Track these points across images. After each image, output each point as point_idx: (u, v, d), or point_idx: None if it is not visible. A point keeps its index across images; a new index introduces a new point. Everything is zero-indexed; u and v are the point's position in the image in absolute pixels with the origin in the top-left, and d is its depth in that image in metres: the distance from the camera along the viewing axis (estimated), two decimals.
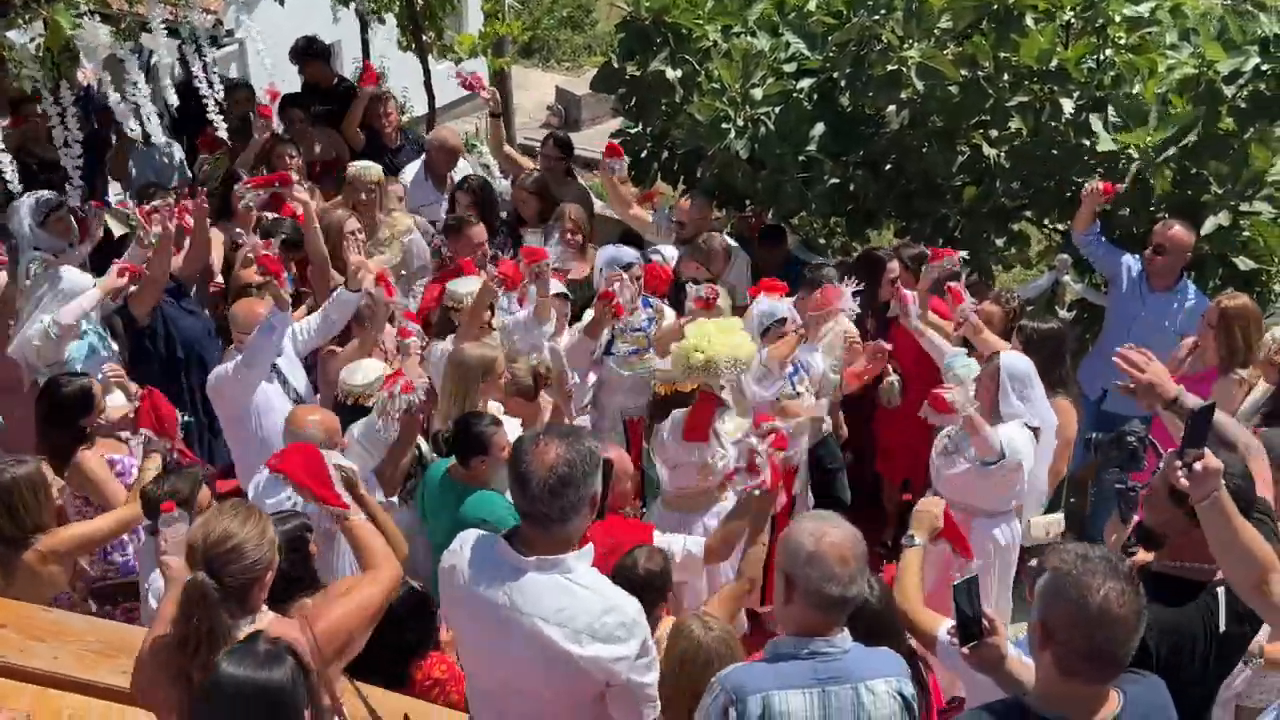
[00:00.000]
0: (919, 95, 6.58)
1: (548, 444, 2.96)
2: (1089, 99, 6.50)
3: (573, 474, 2.93)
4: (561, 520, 2.97)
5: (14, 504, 4.19)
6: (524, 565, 3.00)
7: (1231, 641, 3.35)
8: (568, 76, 20.35)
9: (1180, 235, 6.02)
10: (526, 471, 2.94)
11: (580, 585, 3.00)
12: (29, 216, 6.26)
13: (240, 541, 3.02)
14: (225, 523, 3.06)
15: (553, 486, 2.92)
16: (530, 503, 2.95)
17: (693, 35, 7.24)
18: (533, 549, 3.01)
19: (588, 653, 2.94)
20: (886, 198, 7.21)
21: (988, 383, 5.03)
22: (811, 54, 7.05)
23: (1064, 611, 2.61)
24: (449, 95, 10.62)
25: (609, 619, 2.97)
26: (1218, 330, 5.40)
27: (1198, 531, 3.21)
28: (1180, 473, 2.94)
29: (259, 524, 3.08)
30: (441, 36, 9.04)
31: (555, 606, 2.96)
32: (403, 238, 6.83)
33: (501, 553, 3.04)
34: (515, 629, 2.98)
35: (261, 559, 3.05)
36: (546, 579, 2.98)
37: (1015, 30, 6.44)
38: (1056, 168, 6.71)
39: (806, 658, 2.90)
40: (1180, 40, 6.73)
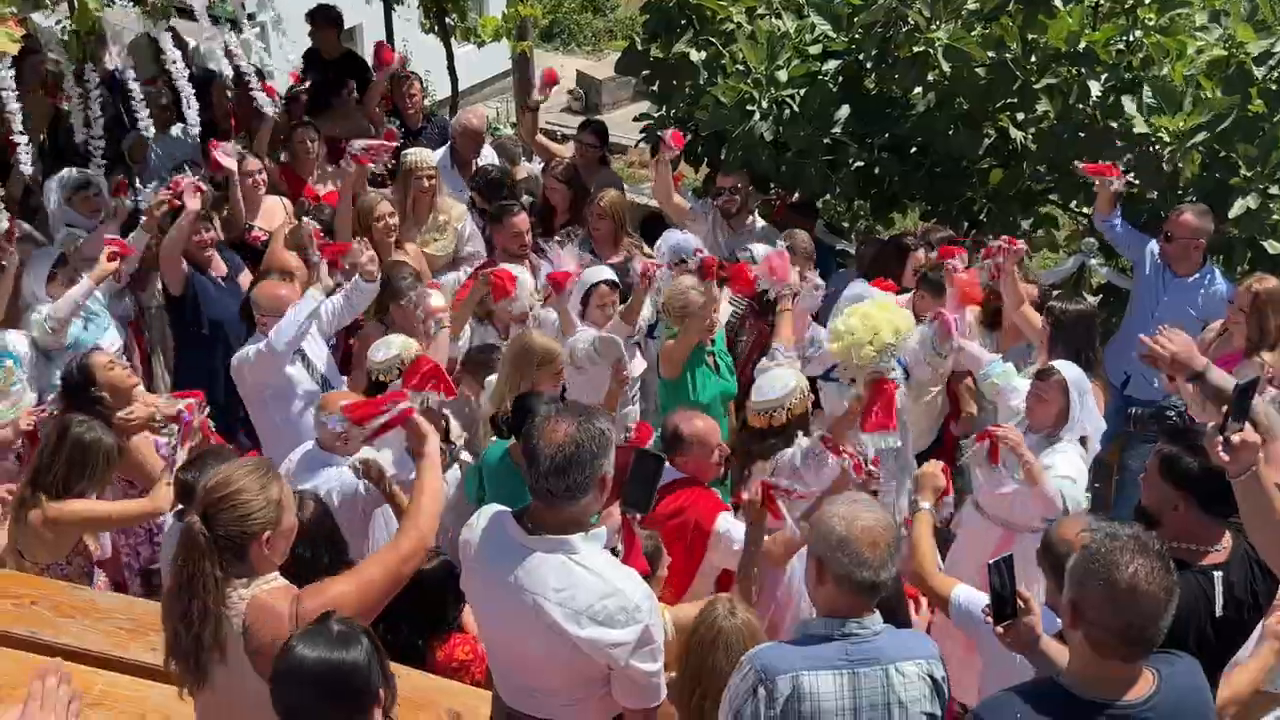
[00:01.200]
0: (945, 77, 6.55)
1: (558, 422, 2.96)
2: (1117, 81, 6.44)
3: (580, 454, 2.92)
4: (568, 499, 2.96)
5: (80, 460, 4.37)
6: (530, 543, 3.00)
7: (1230, 626, 3.33)
8: (588, 60, 20.31)
9: (1188, 221, 5.94)
10: (535, 448, 2.94)
11: (583, 567, 2.98)
12: (58, 192, 6.38)
13: (236, 490, 2.92)
14: (229, 471, 3.00)
15: (560, 465, 2.90)
16: (537, 480, 2.94)
17: (717, 17, 7.21)
18: (541, 527, 3.01)
19: (585, 634, 2.93)
20: (912, 181, 7.18)
21: (1052, 396, 4.76)
22: (837, 35, 7.01)
23: (1094, 590, 2.60)
24: (472, 78, 10.66)
25: (609, 602, 2.95)
26: (1249, 313, 5.35)
27: (1189, 512, 3.22)
28: (1220, 447, 2.93)
29: (263, 480, 2.97)
30: (464, 19, 9.03)
31: (556, 585, 2.95)
32: (456, 224, 6.77)
33: (510, 529, 3.05)
34: (519, 605, 2.99)
35: (257, 514, 2.92)
36: (551, 558, 2.98)
37: (1043, 11, 6.40)
38: (1084, 150, 6.65)
39: (838, 639, 2.89)
40: (1210, 22, 6.67)
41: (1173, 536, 3.24)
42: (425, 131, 8.08)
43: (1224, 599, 3.25)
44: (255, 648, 2.89)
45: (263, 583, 2.96)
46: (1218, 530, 3.33)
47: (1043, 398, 4.78)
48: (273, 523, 2.95)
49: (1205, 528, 3.31)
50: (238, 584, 2.93)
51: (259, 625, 2.89)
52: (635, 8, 8.44)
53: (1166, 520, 3.31)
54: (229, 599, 2.91)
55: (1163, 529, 3.28)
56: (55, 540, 4.41)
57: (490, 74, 17.05)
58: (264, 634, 2.88)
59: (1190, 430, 3.39)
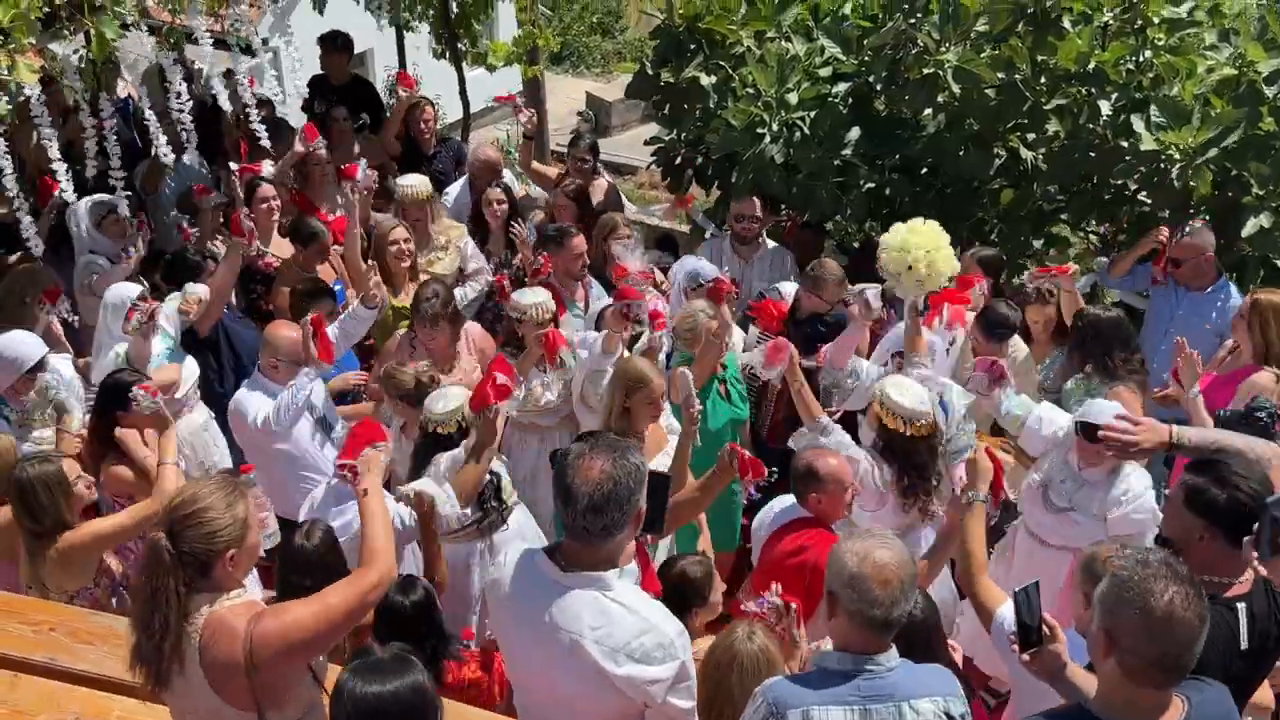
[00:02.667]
0: (955, 98, 6.56)
1: (593, 458, 2.93)
2: (1127, 100, 6.46)
3: (618, 491, 2.90)
4: (604, 536, 2.94)
5: (31, 502, 4.26)
6: (564, 581, 2.98)
7: (1255, 656, 3.30)
8: (598, 82, 20.43)
9: (1189, 241, 6.00)
10: (571, 487, 2.90)
11: (619, 604, 2.97)
12: (86, 218, 6.43)
13: (203, 508, 2.95)
14: (197, 489, 3.03)
15: (597, 503, 2.88)
16: (575, 518, 2.91)
17: (726, 41, 7.25)
18: (574, 564, 2.99)
19: (623, 672, 2.92)
20: (922, 201, 7.18)
21: None
22: (847, 58, 7.04)
23: (1128, 618, 2.59)
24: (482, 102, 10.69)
25: (646, 639, 2.94)
26: (1250, 322, 5.35)
27: (1214, 543, 3.19)
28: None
29: (230, 498, 3.00)
30: (476, 44, 9.09)
31: (593, 623, 2.94)
32: (457, 242, 6.83)
33: (543, 567, 3.03)
34: (555, 644, 2.97)
35: (222, 532, 2.95)
36: (586, 595, 2.96)
37: (1052, 33, 6.41)
38: (1094, 170, 6.67)
39: (851, 674, 2.88)
40: (1220, 41, 6.68)
41: (1198, 569, 3.22)
42: (439, 155, 8.13)
43: (1248, 630, 3.22)
44: (209, 662, 2.92)
45: (226, 599, 2.99)
46: (1241, 562, 3.29)
47: None
48: (237, 540, 2.98)
49: (1229, 559, 3.27)
50: (201, 600, 2.96)
51: (214, 641, 2.92)
52: (644, 30, 8.46)
53: (1190, 551, 3.27)
54: (191, 614, 2.94)
55: (1188, 560, 3.27)
56: (80, 567, 4.42)
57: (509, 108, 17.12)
58: (218, 651, 2.92)
59: (1216, 462, 3.34)
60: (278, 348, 5.21)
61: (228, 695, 2.94)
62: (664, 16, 7.35)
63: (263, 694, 2.94)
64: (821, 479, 4.33)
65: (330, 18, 8.19)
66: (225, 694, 2.94)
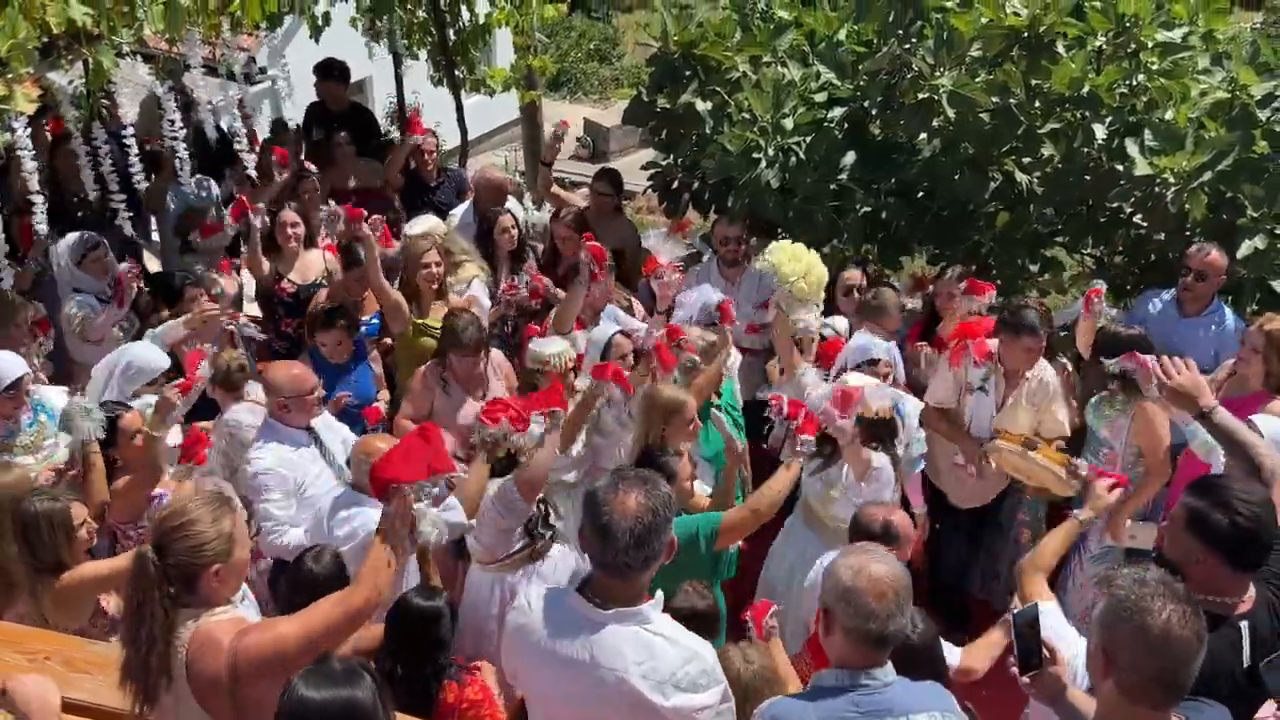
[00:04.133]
0: (950, 123, 6.59)
1: (627, 492, 2.93)
2: (1122, 124, 6.49)
3: (656, 521, 2.92)
4: (643, 569, 2.95)
5: (33, 537, 4.21)
6: (602, 619, 2.97)
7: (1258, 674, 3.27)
8: (595, 108, 20.54)
9: (1218, 260, 5.98)
10: (610, 524, 2.90)
11: (660, 635, 2.98)
12: (67, 255, 6.39)
13: (189, 521, 2.98)
14: (186, 503, 3.06)
15: (640, 536, 2.89)
16: (615, 554, 2.91)
17: (722, 67, 7.28)
18: (610, 600, 2.98)
19: (672, 703, 2.93)
20: (919, 225, 7.21)
21: None
22: (842, 83, 7.08)
23: (1126, 637, 2.59)
24: (480, 128, 10.76)
25: (691, 668, 2.96)
26: (1266, 353, 5.33)
27: (1216, 568, 3.18)
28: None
29: (216, 513, 3.02)
30: (473, 71, 9.13)
31: (637, 659, 2.93)
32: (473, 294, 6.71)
33: (576, 606, 3.02)
34: (597, 683, 2.95)
35: (208, 546, 2.97)
36: (626, 630, 2.96)
37: (1046, 57, 6.44)
38: (1089, 194, 6.69)
39: (848, 690, 2.87)
40: (1212, 65, 6.73)
41: (1199, 590, 3.20)
42: (442, 186, 8.16)
43: (1251, 649, 3.21)
44: (194, 676, 2.93)
45: (211, 615, 3.00)
46: (1246, 580, 3.28)
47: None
48: (223, 555, 3.00)
49: (1232, 581, 3.25)
50: (187, 614, 2.98)
51: (199, 656, 2.93)
52: (641, 56, 8.53)
53: (1190, 573, 3.25)
54: (178, 628, 2.95)
55: (1187, 581, 3.26)
56: (76, 607, 4.38)
57: (498, 123, 17.23)
58: (203, 664, 2.92)
59: (1218, 485, 3.32)
60: (282, 388, 5.04)
61: (213, 710, 2.94)
62: (660, 43, 7.38)
63: (245, 709, 2.94)
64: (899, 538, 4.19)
65: (328, 46, 8.22)
66: (211, 709, 2.94)
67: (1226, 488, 3.26)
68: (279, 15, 6.61)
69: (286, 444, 5.01)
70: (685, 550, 4.33)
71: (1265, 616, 3.28)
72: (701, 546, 4.38)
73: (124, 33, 5.29)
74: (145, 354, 5.59)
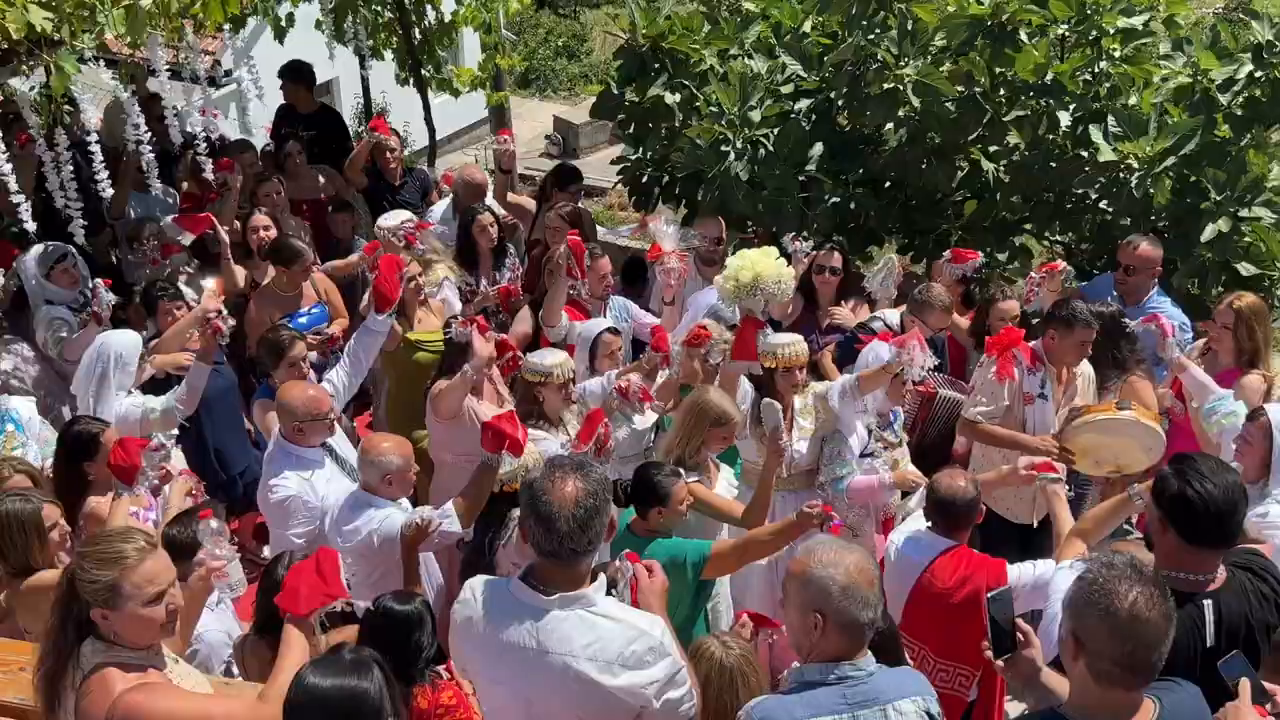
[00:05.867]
0: (916, 112, 6.63)
1: (564, 479, 2.95)
2: (1086, 111, 6.54)
3: (596, 504, 2.94)
4: (587, 553, 2.97)
5: (1, 538, 4.13)
6: (546, 604, 2.98)
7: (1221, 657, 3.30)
8: (565, 105, 20.50)
9: (1147, 252, 6.02)
10: (551, 512, 2.91)
11: (604, 617, 2.99)
12: (35, 267, 6.32)
13: (85, 554, 2.98)
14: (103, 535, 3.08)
15: (581, 521, 2.91)
16: (560, 541, 2.91)
17: (690, 60, 7.29)
18: (554, 586, 2.99)
19: (620, 682, 2.93)
20: (887, 215, 7.25)
21: (1256, 440, 4.44)
22: (808, 75, 7.11)
23: (1094, 619, 2.61)
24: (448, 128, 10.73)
25: (637, 646, 2.96)
26: (1235, 329, 5.40)
27: (1168, 536, 3.20)
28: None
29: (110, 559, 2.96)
30: (440, 70, 9.10)
31: (584, 641, 2.94)
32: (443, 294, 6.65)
33: (520, 594, 3.02)
34: (544, 669, 2.96)
35: (91, 588, 2.93)
36: (570, 615, 2.97)
37: (1010, 45, 6.49)
38: (1055, 180, 6.75)
39: (835, 683, 2.87)
40: (1174, 50, 6.80)
41: (1164, 563, 3.24)
42: (406, 186, 8.12)
43: (1214, 629, 3.22)
44: (79, 711, 2.91)
45: (119, 655, 2.95)
46: (1209, 559, 3.27)
47: (1249, 442, 4.48)
48: (107, 601, 2.92)
49: (1190, 555, 3.25)
50: (98, 647, 2.94)
51: (87, 693, 2.91)
52: (609, 52, 8.51)
53: (1157, 543, 3.30)
54: (81, 658, 2.93)
55: (1156, 553, 3.28)
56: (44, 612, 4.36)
57: (467, 123, 17.18)
58: (87, 703, 2.90)
59: (1189, 459, 3.30)
60: (296, 411, 4.86)
61: None
62: (628, 36, 7.38)
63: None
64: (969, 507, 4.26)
65: (294, 48, 8.18)
66: None
67: (1196, 463, 3.26)
68: (242, 18, 6.57)
69: (304, 468, 4.89)
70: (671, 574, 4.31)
71: (1236, 601, 3.28)
72: (688, 572, 4.36)
73: (85, 38, 5.25)
74: (122, 339, 5.57)
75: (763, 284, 5.37)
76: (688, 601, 4.43)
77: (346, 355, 5.59)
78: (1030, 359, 5.32)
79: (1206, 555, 3.26)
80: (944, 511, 4.32)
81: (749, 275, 5.34)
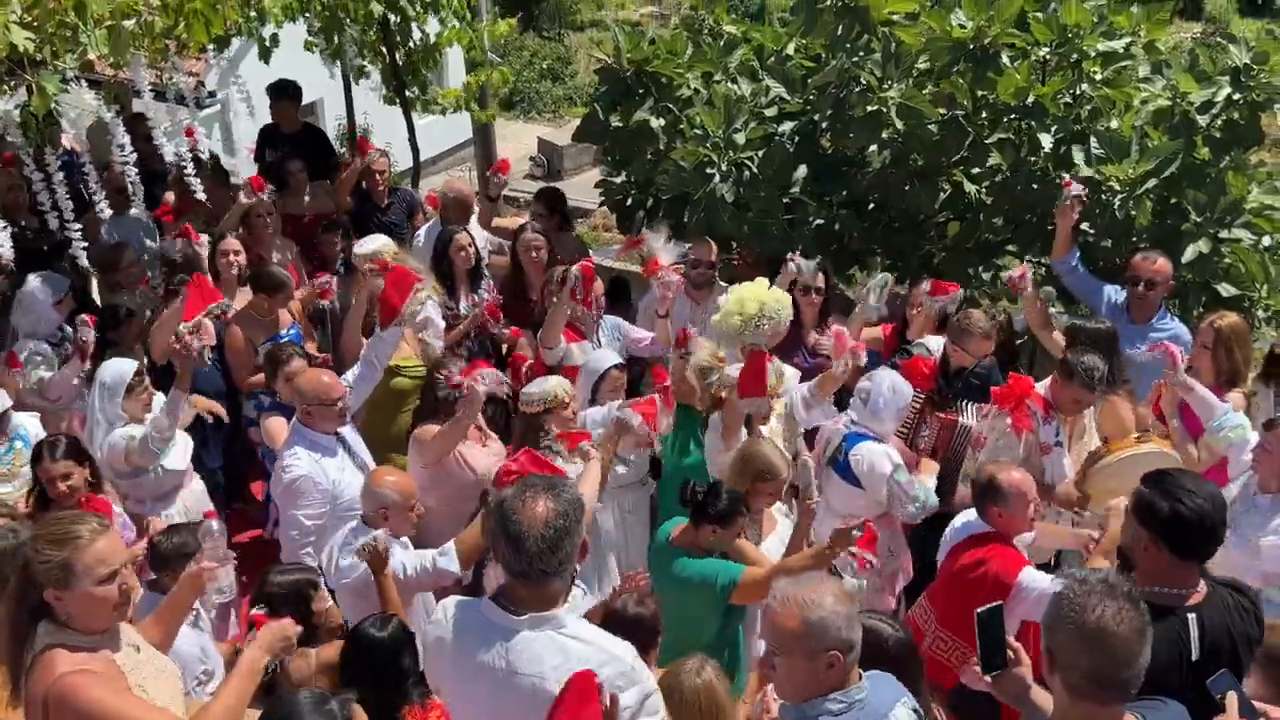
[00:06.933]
0: (899, 135, 6.66)
1: (535, 499, 2.93)
2: (1067, 133, 6.59)
3: (567, 525, 2.92)
4: (558, 574, 2.95)
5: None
6: (516, 625, 2.96)
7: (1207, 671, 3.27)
8: (549, 127, 20.57)
9: (1165, 267, 6.02)
10: (521, 532, 2.89)
11: (575, 639, 2.97)
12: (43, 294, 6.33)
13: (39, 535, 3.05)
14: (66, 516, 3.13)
15: (551, 541, 2.89)
16: (528, 561, 2.90)
17: (674, 84, 7.32)
18: (525, 607, 2.97)
19: None
20: (871, 236, 7.28)
21: (1276, 449, 4.49)
22: (792, 98, 7.14)
23: (1063, 633, 2.64)
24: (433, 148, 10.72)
25: (608, 670, 2.93)
26: (1214, 350, 5.43)
27: (1159, 553, 3.23)
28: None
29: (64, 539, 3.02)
30: (425, 91, 9.11)
31: (554, 663, 2.92)
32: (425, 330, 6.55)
33: (490, 614, 3.01)
34: (513, 691, 2.94)
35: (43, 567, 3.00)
36: (541, 636, 2.95)
37: (992, 68, 6.54)
38: (1037, 202, 6.79)
39: (844, 710, 2.87)
40: (1154, 73, 6.86)
41: (1147, 578, 3.27)
42: (392, 206, 8.12)
43: (1199, 643, 3.25)
44: (28, 687, 2.97)
45: (70, 638, 3.00)
46: (1192, 573, 3.33)
47: (1268, 450, 4.51)
48: (58, 580, 2.98)
49: (1178, 569, 3.30)
50: (50, 627, 3.01)
51: (34, 670, 2.98)
52: (593, 74, 8.52)
53: (1139, 560, 3.33)
54: (34, 638, 2.99)
55: (1138, 570, 3.31)
56: None
57: (452, 143, 17.22)
58: (33, 680, 2.96)
59: (1167, 476, 3.37)
60: (305, 394, 5.09)
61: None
62: (612, 60, 7.41)
63: None
64: (1004, 493, 4.39)
65: (280, 67, 8.18)
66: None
67: (1175, 479, 3.32)
68: (226, 38, 6.56)
69: (316, 450, 5.05)
70: (699, 589, 4.33)
71: (1218, 614, 3.32)
72: (717, 594, 4.37)
73: (68, 58, 5.23)
74: (111, 368, 5.55)
75: (768, 313, 5.28)
76: (716, 623, 4.43)
77: (361, 359, 5.64)
78: (1044, 408, 5.29)
79: (1192, 568, 3.31)
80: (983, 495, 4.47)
81: (754, 307, 5.25)
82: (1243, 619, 3.35)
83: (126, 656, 3.13)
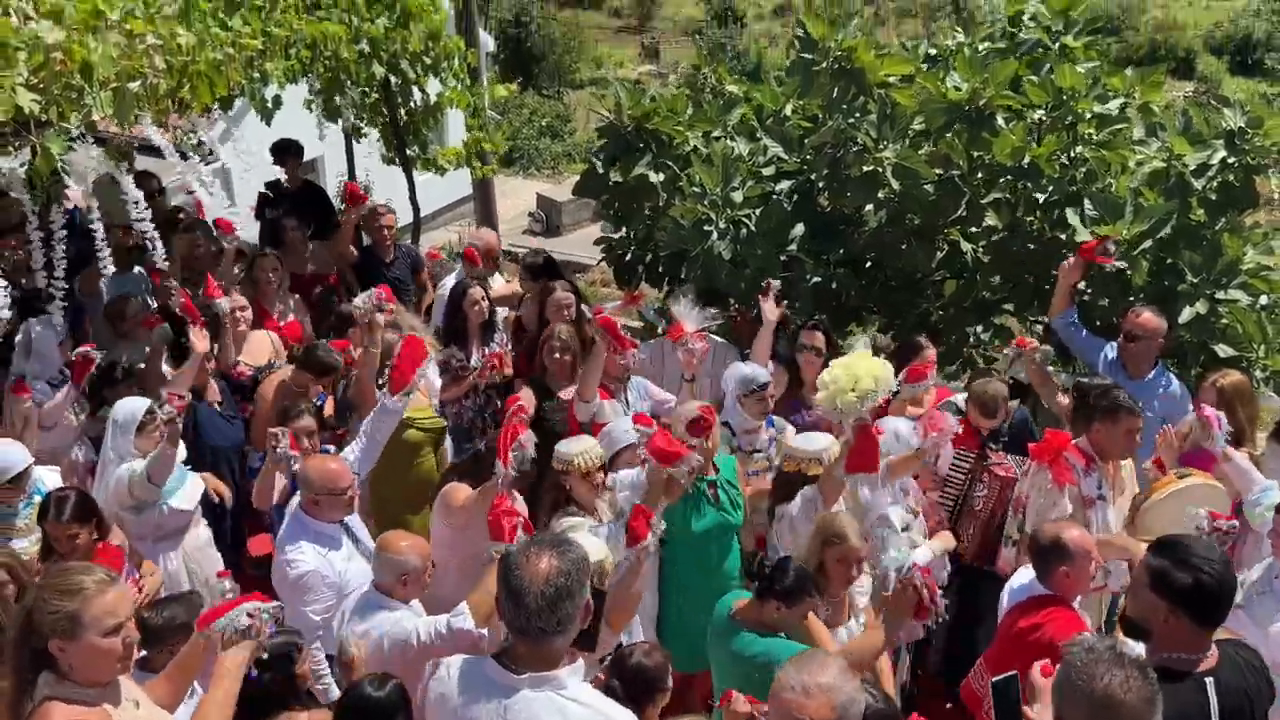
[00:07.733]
0: (896, 194, 6.73)
1: (539, 555, 2.91)
2: (1062, 194, 6.65)
3: (569, 584, 2.89)
4: (558, 633, 2.92)
5: None
6: (516, 684, 2.94)
7: None
8: (548, 183, 20.73)
9: (1151, 321, 6.02)
10: (521, 587, 2.87)
11: (575, 701, 2.94)
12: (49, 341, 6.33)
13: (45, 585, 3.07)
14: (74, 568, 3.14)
15: (551, 599, 2.86)
16: (527, 618, 2.88)
17: (673, 141, 7.40)
18: (525, 666, 2.95)
19: None
20: (868, 294, 7.31)
21: None
22: (789, 157, 7.21)
23: (1074, 703, 2.66)
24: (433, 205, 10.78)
25: None
26: (1218, 409, 5.43)
27: (1179, 622, 3.22)
28: None
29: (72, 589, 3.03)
30: (425, 150, 9.19)
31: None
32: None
33: (491, 672, 2.99)
34: None
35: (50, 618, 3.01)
36: (540, 696, 2.93)
37: (987, 129, 6.62)
38: (1033, 261, 6.83)
39: None
40: (1148, 135, 6.93)
41: (1164, 647, 3.26)
42: (396, 261, 8.16)
43: (1219, 706, 3.24)
44: None
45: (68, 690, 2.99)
46: (1208, 637, 3.31)
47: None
48: (65, 631, 2.99)
49: (1196, 637, 3.28)
50: (49, 678, 2.99)
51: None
52: (592, 132, 8.62)
53: (1156, 630, 3.30)
54: (34, 687, 2.98)
55: (1154, 639, 3.30)
56: None
57: (451, 200, 17.32)
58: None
59: (1178, 545, 3.35)
60: (313, 484, 4.84)
61: None
62: (613, 115, 7.49)
63: None
64: (1070, 552, 4.22)
65: (281, 126, 8.25)
66: None
67: (1187, 547, 3.31)
68: (230, 98, 6.62)
69: (321, 544, 4.83)
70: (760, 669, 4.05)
71: (1234, 676, 3.32)
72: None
73: (73, 118, 5.27)
74: (123, 406, 5.56)
75: (881, 387, 5.00)
76: None
77: (362, 433, 5.42)
78: (1084, 460, 5.23)
79: (1208, 633, 3.31)
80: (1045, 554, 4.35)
81: (869, 383, 4.94)
82: (1254, 676, 3.36)
83: (125, 712, 3.10)
